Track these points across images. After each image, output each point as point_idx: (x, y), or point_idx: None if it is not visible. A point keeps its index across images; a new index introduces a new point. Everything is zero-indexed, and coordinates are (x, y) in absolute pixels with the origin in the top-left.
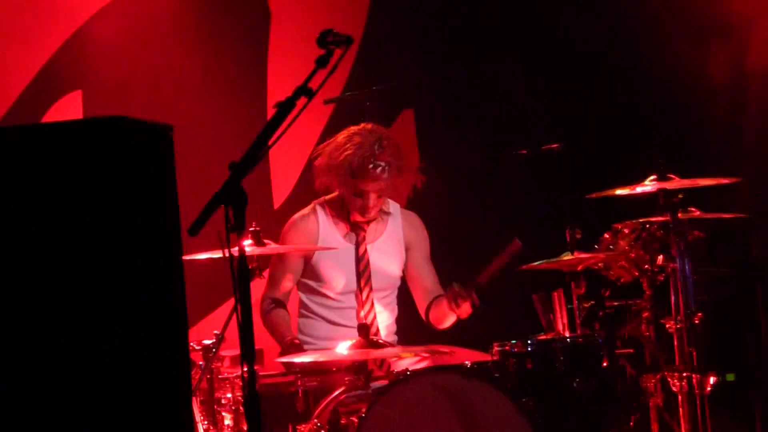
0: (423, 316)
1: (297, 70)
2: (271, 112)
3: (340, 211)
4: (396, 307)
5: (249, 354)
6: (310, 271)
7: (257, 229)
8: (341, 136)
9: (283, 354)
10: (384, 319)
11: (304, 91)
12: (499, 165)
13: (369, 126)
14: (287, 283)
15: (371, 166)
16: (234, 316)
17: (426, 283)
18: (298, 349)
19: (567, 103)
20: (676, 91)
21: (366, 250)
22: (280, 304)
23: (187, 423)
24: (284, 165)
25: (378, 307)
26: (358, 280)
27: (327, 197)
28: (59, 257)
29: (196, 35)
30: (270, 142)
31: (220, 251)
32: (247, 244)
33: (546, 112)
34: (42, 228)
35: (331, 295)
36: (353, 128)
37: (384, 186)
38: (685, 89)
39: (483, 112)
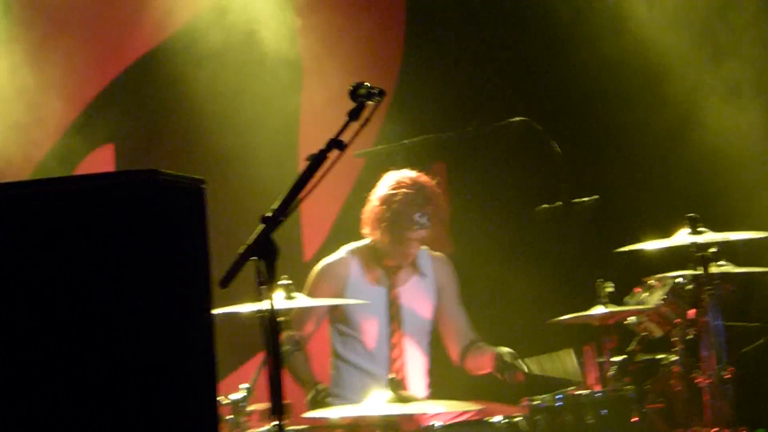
0: (455, 359)
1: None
2: (302, 165)
3: (371, 257)
4: (428, 357)
5: (279, 408)
6: (342, 318)
7: (288, 281)
8: (388, 186)
9: (312, 404)
10: (418, 366)
11: (336, 143)
12: (531, 218)
13: (414, 175)
14: (310, 327)
15: (418, 215)
16: (261, 371)
17: (458, 325)
18: (327, 395)
19: (598, 156)
20: (708, 144)
21: (398, 294)
22: (299, 347)
23: None
24: (315, 218)
25: (411, 353)
26: (390, 323)
27: (358, 243)
28: (91, 315)
29: (227, 90)
30: (302, 195)
31: (249, 305)
32: (277, 297)
33: (577, 166)
34: (73, 285)
35: (365, 341)
36: (399, 176)
37: (427, 235)
38: (718, 142)
39: (515, 165)
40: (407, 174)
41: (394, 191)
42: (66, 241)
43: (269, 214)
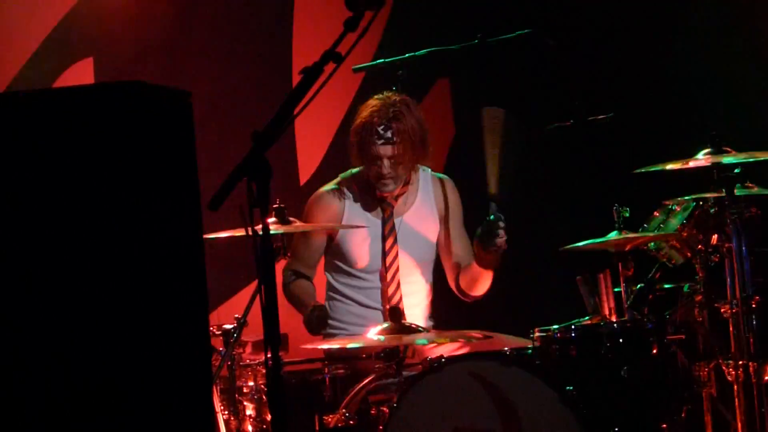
0: (453, 286)
1: (323, 35)
2: (296, 79)
3: (367, 186)
4: (430, 288)
5: (273, 339)
6: (335, 250)
7: (282, 206)
8: (358, 110)
9: (307, 323)
10: (416, 301)
11: (332, 56)
12: (542, 138)
13: (392, 95)
14: (311, 258)
15: (381, 128)
16: (257, 300)
17: (458, 251)
18: (323, 313)
19: (615, 72)
20: (731, 59)
21: (394, 226)
22: (303, 276)
23: (208, 413)
24: (311, 138)
25: (408, 288)
26: (383, 258)
27: (354, 171)
28: (70, 232)
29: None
30: (296, 111)
31: (242, 229)
32: (271, 222)
33: (593, 82)
34: (52, 206)
35: (358, 274)
36: (369, 99)
37: (396, 153)
38: (741, 58)
39: (523, 81)
40: (377, 95)
41: (360, 109)
42: (43, 157)
43: (261, 131)
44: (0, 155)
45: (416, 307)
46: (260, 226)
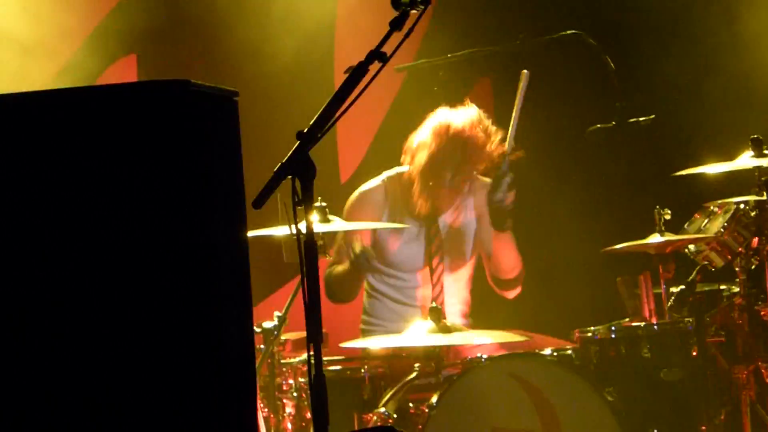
0: (490, 280)
1: (365, 33)
2: (338, 78)
3: (411, 186)
4: (470, 287)
5: (315, 336)
6: (376, 247)
7: (323, 204)
8: (431, 129)
9: (356, 261)
10: (458, 297)
11: (377, 55)
12: (583, 139)
13: (460, 125)
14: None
15: (449, 175)
16: (296, 298)
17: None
18: (366, 254)
19: (656, 74)
20: None
21: (439, 228)
22: None
23: (251, 411)
24: (352, 136)
25: (450, 283)
26: (429, 253)
27: (400, 169)
28: (117, 231)
29: None
30: (341, 110)
31: (285, 226)
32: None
33: (634, 84)
34: (100, 204)
35: (396, 273)
36: (443, 121)
37: (456, 192)
38: None
39: (566, 82)
40: (454, 121)
41: (432, 141)
42: (90, 156)
43: (305, 129)
44: (45, 153)
45: (453, 306)
46: (304, 223)
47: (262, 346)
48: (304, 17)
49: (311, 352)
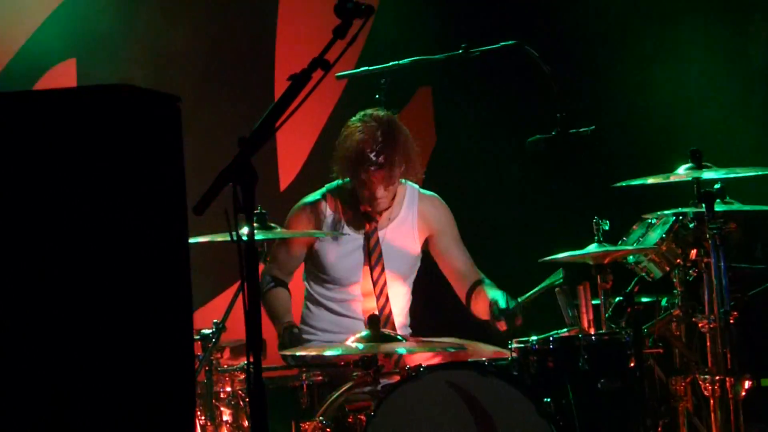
0: (463, 299)
1: (306, 40)
2: (279, 84)
3: (351, 200)
4: (409, 299)
5: (255, 343)
6: (315, 260)
7: (263, 211)
8: (351, 125)
9: (281, 341)
10: (396, 312)
11: (320, 63)
12: (523, 149)
13: (377, 115)
14: (290, 265)
15: (373, 155)
16: (233, 305)
17: (458, 265)
18: (296, 337)
19: (597, 85)
20: (713, 76)
21: (378, 240)
22: (281, 283)
23: (190, 418)
24: (292, 144)
25: (391, 293)
26: (372, 271)
27: (340, 182)
28: (55, 235)
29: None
30: (283, 117)
31: (222, 233)
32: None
33: (575, 94)
34: (37, 210)
35: (336, 285)
36: (357, 116)
37: (388, 176)
38: (723, 74)
39: (506, 91)
40: (365, 112)
41: (348, 132)
42: (29, 161)
43: (247, 136)
44: None
45: (396, 317)
46: (244, 230)
47: (200, 353)
48: (246, 21)
49: (251, 360)
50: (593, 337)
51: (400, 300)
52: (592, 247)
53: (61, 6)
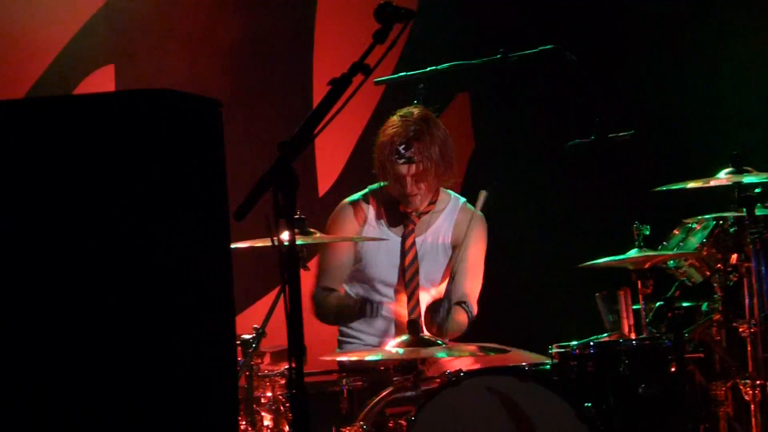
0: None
1: (345, 45)
2: (317, 89)
3: (392, 201)
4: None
5: (297, 348)
6: (357, 261)
7: (303, 217)
8: (388, 120)
9: (362, 313)
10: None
11: (360, 67)
12: (561, 154)
13: (414, 111)
14: (340, 272)
15: (402, 148)
16: (275, 310)
17: (451, 286)
18: (375, 307)
19: (637, 89)
20: (754, 79)
21: (414, 243)
22: (332, 291)
23: (233, 423)
24: (331, 150)
25: (426, 299)
26: (404, 274)
27: (382, 184)
28: (97, 241)
29: (238, 4)
30: (324, 122)
31: (263, 239)
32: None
33: (614, 99)
34: (78, 215)
35: (375, 286)
36: (394, 114)
37: (417, 172)
38: (765, 77)
39: (545, 97)
40: (405, 109)
41: (384, 126)
42: (71, 166)
43: (288, 140)
44: (22, 163)
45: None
46: (285, 235)
47: (240, 359)
48: (284, 26)
49: (293, 365)
50: (634, 342)
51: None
52: (633, 253)
53: (99, 12)
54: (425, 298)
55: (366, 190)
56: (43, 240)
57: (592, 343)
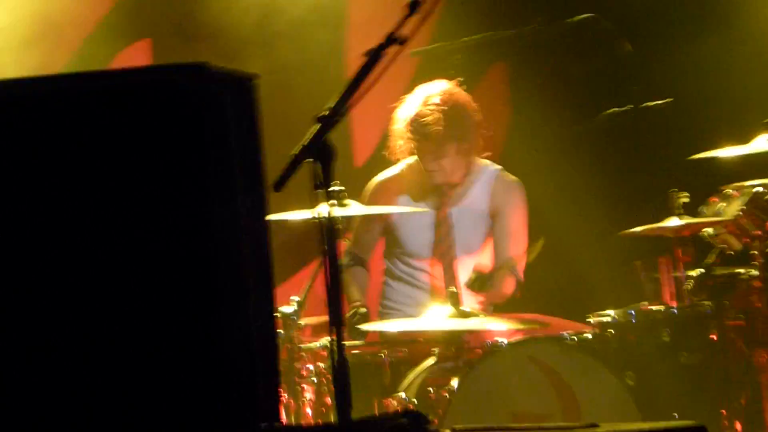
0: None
1: (379, 16)
2: (351, 61)
3: (423, 174)
4: None
5: (338, 321)
6: (391, 233)
7: (341, 188)
8: (413, 105)
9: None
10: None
11: (396, 38)
12: (599, 122)
13: (438, 85)
14: (369, 242)
15: (419, 126)
16: (314, 282)
17: (495, 253)
18: (361, 316)
19: (672, 57)
20: None
21: (447, 215)
22: (360, 261)
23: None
24: (367, 121)
25: (463, 269)
26: (438, 246)
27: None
28: (139, 221)
29: None
30: (359, 93)
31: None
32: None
33: (649, 67)
34: (116, 190)
35: (410, 259)
36: (426, 86)
37: (432, 148)
38: None
39: (582, 66)
40: (426, 84)
41: (401, 103)
42: (104, 142)
43: (324, 113)
44: (58, 140)
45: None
46: (323, 207)
47: (280, 330)
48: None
49: (334, 337)
50: (674, 310)
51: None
52: (671, 221)
53: None
54: (464, 268)
55: (402, 164)
56: (81, 217)
57: (632, 312)
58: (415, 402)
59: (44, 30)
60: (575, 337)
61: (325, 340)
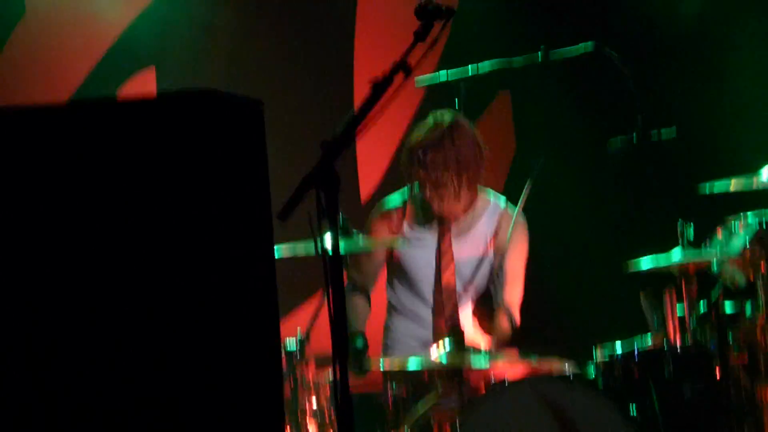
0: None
1: (385, 44)
2: (358, 88)
3: (426, 203)
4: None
5: (342, 356)
6: (396, 264)
7: (347, 217)
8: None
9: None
10: (465, 322)
11: (402, 67)
12: (603, 152)
13: (443, 115)
14: (371, 271)
15: (422, 154)
16: (318, 315)
17: (494, 294)
18: (362, 350)
19: (679, 86)
20: None
21: (450, 244)
22: (361, 289)
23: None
24: (372, 152)
25: (466, 303)
26: (442, 273)
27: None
28: (138, 247)
29: (277, 4)
30: (366, 121)
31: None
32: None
33: (656, 96)
34: (118, 214)
35: (410, 289)
36: (432, 116)
37: (435, 179)
38: None
39: (586, 94)
40: (434, 113)
41: (410, 132)
42: (113, 169)
43: (330, 139)
44: (67, 167)
45: (465, 327)
46: (327, 237)
47: (284, 364)
48: (324, 25)
49: (337, 373)
50: (678, 345)
51: (468, 310)
52: (677, 253)
53: (144, 13)
54: (468, 304)
55: (405, 189)
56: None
57: (636, 349)
58: None
59: (57, 52)
60: (578, 373)
61: (329, 375)
